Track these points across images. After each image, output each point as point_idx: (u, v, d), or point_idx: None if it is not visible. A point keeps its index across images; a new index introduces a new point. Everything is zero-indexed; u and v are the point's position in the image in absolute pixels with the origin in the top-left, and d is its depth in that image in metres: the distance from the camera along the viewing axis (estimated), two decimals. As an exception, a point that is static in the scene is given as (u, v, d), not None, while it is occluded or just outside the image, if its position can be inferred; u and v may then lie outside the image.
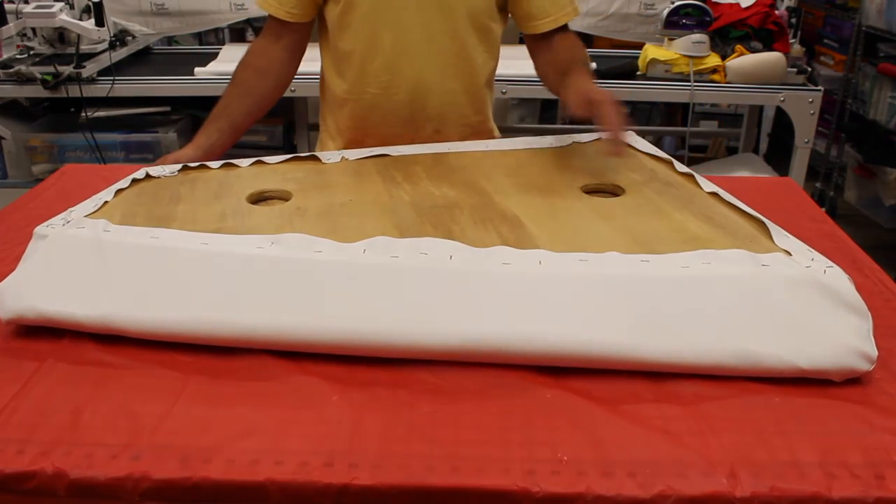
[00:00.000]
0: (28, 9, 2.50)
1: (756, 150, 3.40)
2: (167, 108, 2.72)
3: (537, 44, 1.43)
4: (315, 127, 2.95)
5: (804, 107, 2.45)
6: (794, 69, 2.52)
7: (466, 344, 0.83)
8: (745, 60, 2.48)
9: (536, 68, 1.46)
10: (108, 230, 0.97)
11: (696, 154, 3.64)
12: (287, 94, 2.46)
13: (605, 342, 0.82)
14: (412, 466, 0.70)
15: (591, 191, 1.16)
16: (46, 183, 1.43)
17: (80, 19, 2.55)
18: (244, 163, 1.27)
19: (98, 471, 0.70)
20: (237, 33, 4.09)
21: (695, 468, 0.70)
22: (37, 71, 2.42)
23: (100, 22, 2.54)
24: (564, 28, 1.42)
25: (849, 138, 3.43)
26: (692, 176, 1.19)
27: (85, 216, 1.03)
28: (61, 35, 2.53)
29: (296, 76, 2.44)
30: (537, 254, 0.91)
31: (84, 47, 2.53)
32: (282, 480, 0.69)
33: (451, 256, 0.89)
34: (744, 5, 2.63)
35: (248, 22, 3.60)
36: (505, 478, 0.69)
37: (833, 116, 3.43)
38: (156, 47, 3.03)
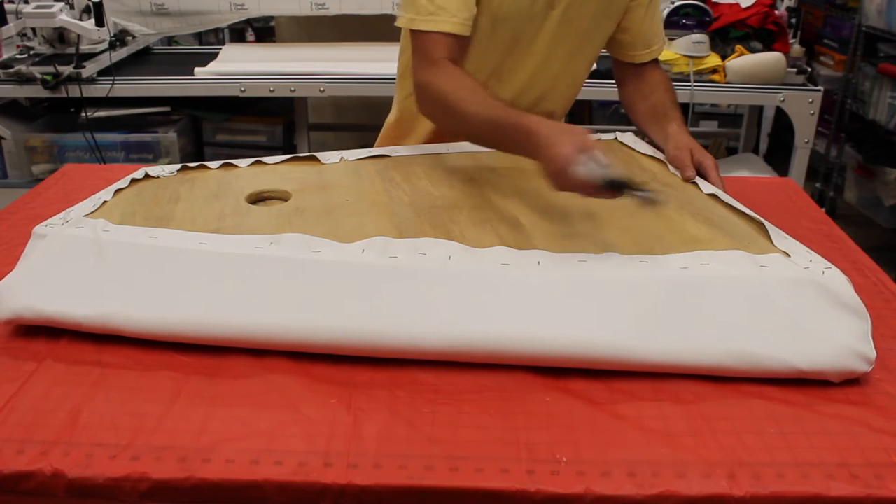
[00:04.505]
0: (28, 9, 2.50)
1: (756, 150, 3.39)
2: (167, 108, 2.71)
3: (630, 73, 1.41)
4: (315, 127, 2.96)
5: (804, 107, 2.45)
6: (794, 69, 2.51)
7: (465, 344, 0.83)
8: (745, 60, 2.48)
9: (623, 96, 1.43)
10: (108, 230, 0.97)
11: (696, 154, 3.63)
12: (287, 94, 2.49)
13: (604, 343, 0.82)
14: (411, 467, 0.70)
15: (590, 191, 1.16)
16: (46, 183, 1.43)
17: (80, 19, 2.54)
18: (243, 163, 1.27)
19: (97, 471, 0.70)
20: (237, 33, 4.10)
21: (694, 469, 0.70)
22: (37, 71, 2.42)
23: (100, 22, 2.54)
24: (656, 61, 1.42)
25: (849, 138, 3.42)
26: (692, 176, 1.19)
27: (84, 216, 1.03)
28: (61, 35, 2.53)
29: (295, 76, 2.47)
30: (536, 254, 0.91)
31: (84, 47, 2.52)
32: (281, 481, 0.69)
33: (449, 257, 0.89)
34: (744, 5, 2.62)
35: (248, 22, 3.61)
36: (504, 478, 0.69)
37: (833, 116, 3.42)
38: (156, 47, 3.02)
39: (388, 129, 1.46)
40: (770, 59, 2.47)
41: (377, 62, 2.44)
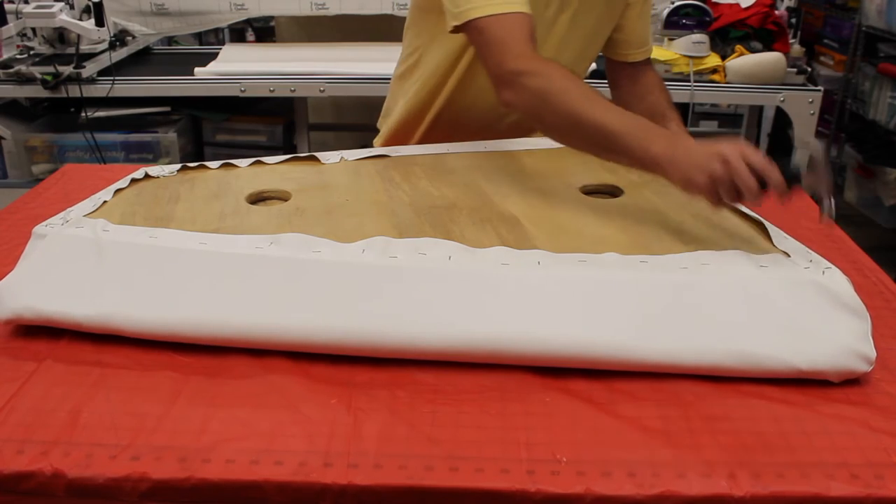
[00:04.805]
0: (28, 9, 2.50)
1: (756, 151, 3.39)
2: (167, 108, 2.71)
3: (625, 74, 1.41)
4: (315, 127, 2.95)
5: (804, 107, 2.44)
6: (794, 69, 2.51)
7: (465, 344, 0.83)
8: (744, 60, 2.48)
9: (617, 98, 1.42)
10: (107, 230, 0.97)
11: (696, 154, 3.63)
12: (287, 94, 2.49)
13: (604, 343, 0.82)
14: (411, 467, 0.70)
15: (589, 191, 1.16)
16: (46, 183, 1.43)
17: (80, 19, 2.54)
18: (243, 163, 1.27)
19: (97, 471, 0.70)
20: (237, 33, 4.10)
21: (694, 469, 0.70)
22: (37, 71, 2.42)
23: (100, 22, 2.54)
24: (649, 61, 1.42)
25: (849, 138, 3.42)
26: (692, 176, 1.18)
27: (84, 216, 1.03)
28: (61, 35, 2.53)
29: (295, 76, 2.47)
30: (536, 254, 0.91)
31: (84, 47, 2.52)
32: (281, 481, 0.69)
33: (449, 257, 0.89)
34: (744, 5, 2.62)
35: (248, 22, 3.61)
36: (504, 478, 0.69)
37: (833, 116, 3.43)
38: (156, 47, 3.02)
39: (399, 127, 1.41)
40: (770, 59, 2.47)
41: (377, 62, 2.44)
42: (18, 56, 2.58)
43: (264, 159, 1.29)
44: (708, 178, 0.90)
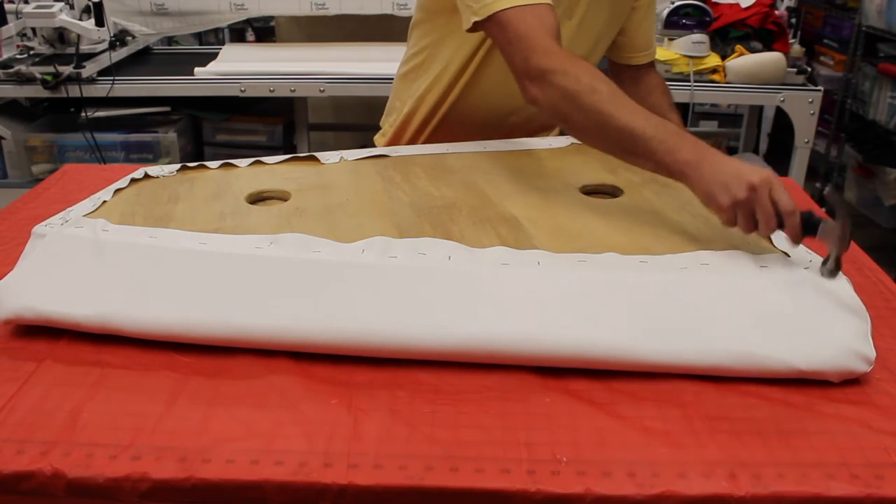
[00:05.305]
0: (28, 9, 2.50)
1: (756, 150, 3.40)
2: (167, 108, 2.71)
3: (627, 76, 1.41)
4: (315, 127, 2.96)
5: (804, 107, 2.45)
6: (794, 69, 2.51)
7: (465, 344, 0.83)
8: (744, 60, 2.48)
9: None
10: (107, 230, 0.97)
11: (696, 154, 3.63)
12: (287, 94, 2.49)
13: (604, 343, 0.82)
14: (411, 467, 0.70)
15: (589, 192, 1.16)
16: (46, 183, 1.43)
17: (80, 19, 2.55)
18: (243, 163, 1.27)
19: (97, 471, 0.70)
20: (237, 33, 4.10)
21: (694, 469, 0.70)
22: (37, 71, 2.42)
23: (100, 22, 2.54)
24: (652, 64, 1.42)
25: (849, 138, 3.42)
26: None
27: (84, 216, 1.03)
28: (61, 35, 2.53)
29: (295, 76, 2.47)
30: (536, 254, 0.91)
31: (84, 47, 2.53)
32: (281, 481, 0.69)
33: (449, 257, 0.89)
34: (744, 5, 2.63)
35: (248, 22, 3.61)
36: (504, 478, 0.69)
37: (833, 116, 3.43)
38: (156, 47, 3.03)
39: (404, 126, 1.41)
40: (770, 59, 2.47)
41: (377, 62, 2.45)
42: (18, 56, 2.58)
43: (264, 159, 1.29)
44: (731, 200, 0.89)
